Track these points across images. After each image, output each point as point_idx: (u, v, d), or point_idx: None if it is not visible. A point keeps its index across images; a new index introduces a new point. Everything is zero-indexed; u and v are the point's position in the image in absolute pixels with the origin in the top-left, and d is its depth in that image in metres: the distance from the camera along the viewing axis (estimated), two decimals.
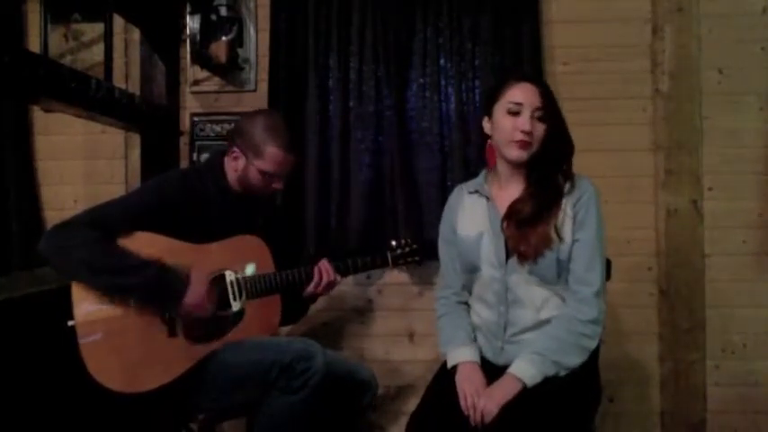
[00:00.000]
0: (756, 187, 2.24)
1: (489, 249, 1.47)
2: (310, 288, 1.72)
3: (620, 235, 2.23)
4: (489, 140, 1.50)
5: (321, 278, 1.72)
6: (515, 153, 1.42)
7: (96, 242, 1.47)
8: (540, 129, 1.41)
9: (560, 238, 1.40)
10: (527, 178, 1.47)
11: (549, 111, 1.41)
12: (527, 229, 1.40)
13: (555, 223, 1.40)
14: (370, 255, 1.84)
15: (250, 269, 1.67)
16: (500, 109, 1.44)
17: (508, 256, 1.44)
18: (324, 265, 1.74)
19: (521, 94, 1.41)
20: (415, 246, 1.88)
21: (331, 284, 1.75)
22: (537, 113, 1.40)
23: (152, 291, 1.50)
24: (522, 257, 1.41)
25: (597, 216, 1.43)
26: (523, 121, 1.40)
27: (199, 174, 1.72)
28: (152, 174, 2.09)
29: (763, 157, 2.24)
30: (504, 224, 1.44)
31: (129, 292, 1.49)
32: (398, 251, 1.86)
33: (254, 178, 1.68)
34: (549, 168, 1.44)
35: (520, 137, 1.40)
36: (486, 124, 1.50)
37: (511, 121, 1.41)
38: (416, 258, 1.88)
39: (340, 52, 2.27)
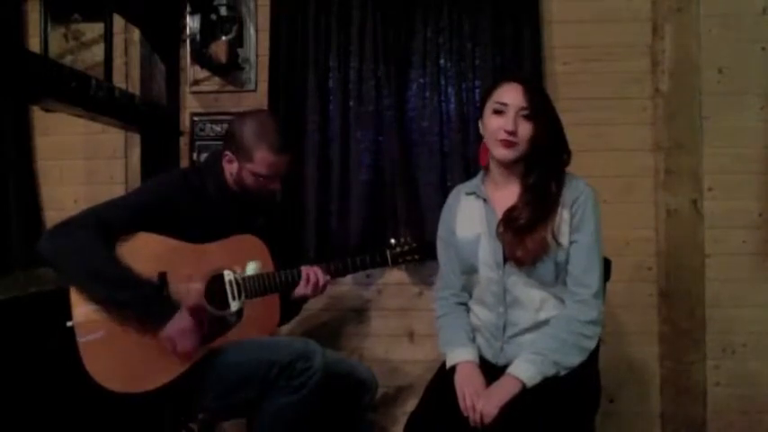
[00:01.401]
0: (756, 187, 2.24)
1: (487, 252, 1.47)
2: (299, 290, 1.72)
3: (619, 235, 2.24)
4: (484, 141, 1.51)
5: (308, 281, 1.72)
6: (501, 152, 1.43)
7: (95, 249, 1.45)
8: (526, 128, 1.41)
9: (558, 243, 1.40)
10: (522, 180, 1.47)
11: (535, 110, 1.41)
12: (524, 236, 1.40)
13: (552, 228, 1.40)
14: (370, 253, 1.84)
15: (251, 267, 1.67)
16: (488, 109, 1.46)
17: (506, 259, 1.44)
18: (312, 269, 1.73)
19: (506, 94, 1.43)
20: (414, 244, 1.87)
21: (318, 286, 1.74)
22: (522, 112, 1.41)
23: (139, 311, 1.47)
24: (520, 263, 1.41)
25: (594, 217, 1.43)
26: (506, 121, 1.41)
27: (199, 173, 1.72)
28: (152, 174, 2.09)
29: (763, 157, 2.24)
30: (501, 229, 1.45)
31: (119, 305, 1.47)
32: (398, 249, 1.86)
33: (249, 180, 1.68)
34: (544, 171, 1.44)
35: (503, 136, 1.41)
36: (480, 125, 1.52)
37: (496, 120, 1.43)
38: (416, 257, 1.88)
39: (340, 52, 2.27)
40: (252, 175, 1.67)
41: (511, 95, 1.42)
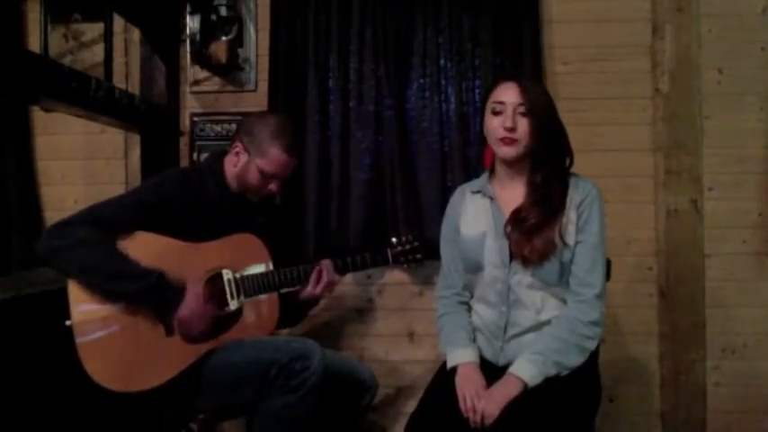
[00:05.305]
0: (756, 187, 2.24)
1: (493, 250, 1.48)
2: (308, 289, 1.72)
3: (620, 235, 2.24)
4: (488, 142, 1.52)
5: (320, 278, 1.72)
6: (503, 150, 1.45)
7: (96, 244, 1.46)
8: (524, 124, 1.42)
9: (564, 243, 1.41)
10: (528, 179, 1.47)
11: (530, 105, 1.41)
12: (531, 236, 1.41)
13: (559, 228, 1.41)
14: (371, 252, 1.83)
15: (253, 269, 1.67)
16: (487, 111, 1.47)
17: (512, 257, 1.45)
18: (325, 264, 1.74)
19: (502, 93, 1.44)
20: (416, 243, 1.87)
21: (330, 285, 1.75)
22: (519, 109, 1.42)
23: (148, 300, 1.50)
24: (527, 262, 1.42)
25: (600, 218, 1.44)
26: (505, 119, 1.42)
27: (198, 173, 1.72)
28: (152, 174, 2.08)
29: (763, 157, 2.24)
30: (508, 229, 1.45)
31: (126, 298, 1.49)
32: (399, 248, 1.86)
33: (253, 176, 1.68)
34: (549, 171, 1.44)
35: (503, 134, 1.43)
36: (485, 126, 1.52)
37: (496, 120, 1.44)
38: (418, 256, 1.87)
39: (340, 52, 2.27)
40: (258, 170, 1.68)
41: (507, 94, 1.43)
